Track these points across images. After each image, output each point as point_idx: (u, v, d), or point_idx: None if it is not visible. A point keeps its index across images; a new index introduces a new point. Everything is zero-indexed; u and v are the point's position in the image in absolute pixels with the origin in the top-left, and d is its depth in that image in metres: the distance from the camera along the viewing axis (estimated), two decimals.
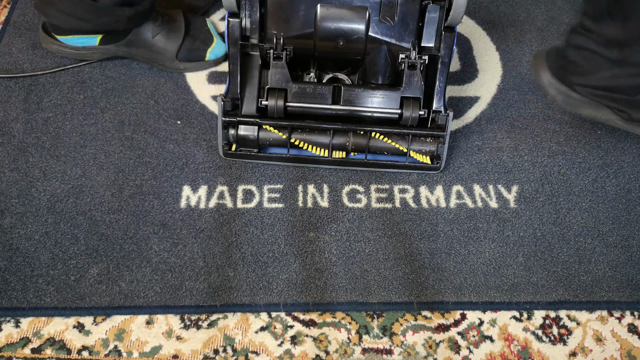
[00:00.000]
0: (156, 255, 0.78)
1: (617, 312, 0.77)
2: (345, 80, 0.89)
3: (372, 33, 0.81)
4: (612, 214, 0.86)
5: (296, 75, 0.89)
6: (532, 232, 0.83)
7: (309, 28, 0.81)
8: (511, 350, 0.73)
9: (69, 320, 0.73)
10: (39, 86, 0.97)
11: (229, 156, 0.88)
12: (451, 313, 0.75)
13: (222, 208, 0.83)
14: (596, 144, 0.94)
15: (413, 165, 0.87)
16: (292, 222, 0.83)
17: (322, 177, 0.88)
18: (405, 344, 0.73)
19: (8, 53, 1.01)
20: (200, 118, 0.94)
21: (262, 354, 0.71)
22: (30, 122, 0.92)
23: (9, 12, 1.09)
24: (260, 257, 0.79)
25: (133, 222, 0.81)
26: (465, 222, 0.84)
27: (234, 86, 0.84)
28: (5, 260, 0.77)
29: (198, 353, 0.71)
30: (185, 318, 0.74)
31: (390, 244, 0.81)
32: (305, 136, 0.85)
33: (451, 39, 0.81)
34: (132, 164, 0.88)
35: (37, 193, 0.84)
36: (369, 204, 0.85)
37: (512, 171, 0.90)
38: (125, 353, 0.71)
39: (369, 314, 0.75)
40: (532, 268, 0.79)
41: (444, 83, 0.83)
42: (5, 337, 0.71)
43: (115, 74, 0.99)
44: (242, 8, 0.81)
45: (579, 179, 0.89)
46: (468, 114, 0.97)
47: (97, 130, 0.92)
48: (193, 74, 1.00)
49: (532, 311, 0.76)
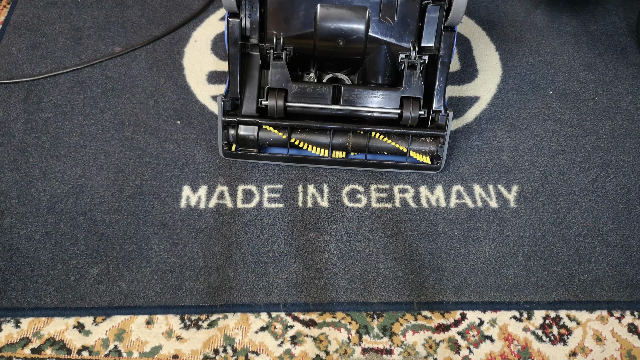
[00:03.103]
0: (156, 255, 0.78)
1: (617, 312, 0.77)
2: (345, 80, 0.89)
3: (372, 33, 0.81)
4: (612, 214, 0.86)
5: (296, 75, 0.89)
6: (532, 232, 0.83)
7: (308, 28, 0.81)
8: (511, 350, 0.73)
9: (69, 321, 0.73)
10: (38, 86, 0.97)
11: (229, 156, 0.88)
12: (451, 313, 0.75)
13: (222, 208, 0.83)
14: (596, 144, 0.94)
15: (413, 165, 0.87)
16: (292, 222, 0.83)
17: (322, 177, 0.88)
18: (405, 344, 0.73)
19: (8, 53, 1.01)
20: (200, 118, 0.94)
21: (262, 354, 0.71)
22: (30, 122, 0.92)
23: (9, 12, 1.09)
24: (260, 257, 0.79)
25: (133, 222, 0.81)
26: (465, 222, 0.83)
27: (233, 86, 0.83)
28: (5, 260, 0.77)
29: (198, 353, 0.71)
30: (185, 318, 0.74)
31: (390, 244, 0.81)
32: (305, 136, 0.85)
33: (451, 39, 0.81)
34: (132, 164, 0.88)
35: (37, 193, 0.84)
36: (369, 204, 0.85)
37: (512, 171, 0.90)
38: (125, 353, 0.70)
39: (369, 314, 0.75)
40: (532, 268, 0.79)
41: (444, 83, 0.83)
42: (5, 337, 0.71)
43: (115, 74, 0.99)
44: (242, 8, 0.81)
45: (579, 179, 0.89)
46: (468, 114, 0.97)
47: (97, 130, 0.92)
48: (193, 74, 1.00)
49: (532, 311, 0.76)
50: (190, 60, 1.03)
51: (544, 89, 1.01)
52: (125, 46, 1.04)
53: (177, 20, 1.09)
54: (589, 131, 0.96)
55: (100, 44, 1.04)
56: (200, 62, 1.03)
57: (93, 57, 1.02)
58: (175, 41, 1.06)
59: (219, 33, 1.08)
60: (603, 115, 0.97)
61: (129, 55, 1.03)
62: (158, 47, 1.04)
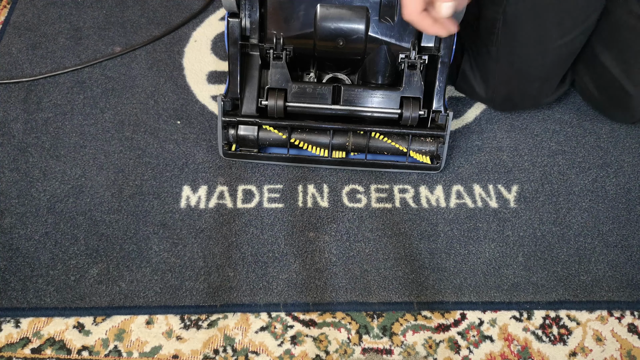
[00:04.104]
0: (156, 255, 0.78)
1: (617, 312, 0.77)
2: (345, 80, 0.89)
3: (372, 33, 0.81)
4: (612, 214, 0.86)
5: (296, 75, 0.89)
6: (532, 232, 0.83)
7: (308, 28, 0.81)
8: (511, 350, 0.73)
9: (69, 321, 0.73)
10: (38, 86, 0.97)
11: (228, 156, 0.88)
12: (451, 313, 0.75)
13: (222, 208, 0.83)
14: (596, 144, 0.94)
15: (413, 165, 0.87)
16: (292, 222, 0.83)
17: (322, 177, 0.88)
18: (405, 344, 0.73)
19: (8, 53, 1.01)
20: (200, 118, 0.94)
21: (262, 354, 0.71)
22: (30, 123, 0.92)
23: (9, 12, 1.09)
24: (260, 257, 0.79)
25: (133, 222, 0.81)
26: (465, 222, 0.84)
27: (233, 86, 0.84)
28: (5, 260, 0.77)
29: (198, 353, 0.71)
30: (185, 318, 0.74)
31: (390, 244, 0.81)
32: (305, 136, 0.85)
33: (451, 39, 0.81)
34: (132, 164, 0.88)
35: (37, 193, 0.84)
36: (369, 204, 0.85)
37: (512, 171, 0.90)
38: (125, 353, 0.70)
39: (369, 314, 0.75)
40: (532, 268, 0.79)
41: (444, 83, 0.83)
42: (5, 337, 0.71)
43: (115, 74, 0.99)
44: (242, 8, 0.81)
45: (579, 179, 0.89)
46: (468, 114, 0.97)
47: (97, 130, 0.92)
48: (193, 74, 1.00)
49: (532, 311, 0.76)
50: (190, 60, 1.03)
51: None
52: (125, 46, 1.04)
53: (177, 20, 1.09)
54: (589, 131, 0.95)
55: (100, 44, 1.04)
56: (200, 62, 1.03)
57: (93, 57, 1.02)
58: (175, 41, 1.06)
59: (219, 33, 1.08)
60: (603, 115, 0.97)
61: (129, 55, 1.03)
62: (158, 47, 1.04)
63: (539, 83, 0.90)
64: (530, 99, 0.93)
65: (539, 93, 0.92)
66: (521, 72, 0.88)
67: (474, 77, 0.94)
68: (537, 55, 0.85)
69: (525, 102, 0.94)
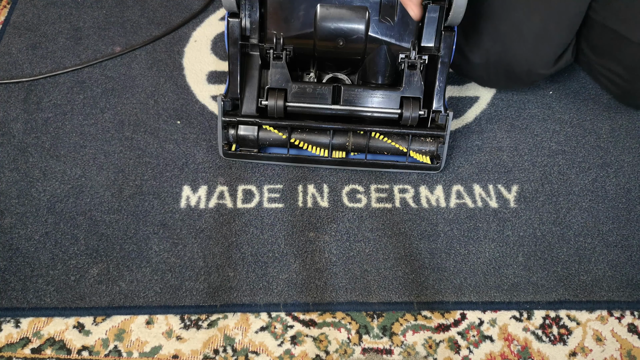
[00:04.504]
0: (156, 255, 0.78)
1: (617, 312, 0.77)
2: (345, 80, 0.89)
3: (372, 33, 0.81)
4: (612, 214, 0.86)
5: (296, 75, 0.89)
6: (532, 231, 0.83)
7: (308, 28, 0.81)
8: (511, 350, 0.73)
9: (69, 321, 0.73)
10: (38, 86, 0.97)
11: (228, 156, 0.88)
12: (451, 313, 0.75)
13: (222, 208, 0.83)
14: (596, 144, 0.94)
15: (413, 165, 0.87)
16: (292, 222, 0.83)
17: (322, 177, 0.88)
18: (405, 344, 0.73)
19: (8, 53, 1.01)
20: (200, 118, 0.94)
21: (262, 354, 0.71)
22: (30, 123, 0.92)
23: (9, 12, 1.09)
24: (260, 257, 0.79)
25: (133, 222, 0.81)
26: (465, 222, 0.84)
27: (233, 86, 0.84)
28: (5, 260, 0.77)
29: (198, 353, 0.71)
30: (185, 318, 0.74)
31: (390, 244, 0.81)
32: (305, 136, 0.85)
33: (451, 39, 0.81)
34: (132, 164, 0.88)
35: (37, 193, 0.84)
36: (369, 204, 0.85)
37: (512, 171, 0.90)
38: (125, 353, 0.71)
39: (369, 314, 0.75)
40: (532, 268, 0.79)
41: (444, 83, 0.83)
42: (5, 337, 0.71)
43: (115, 74, 1.00)
44: (242, 8, 0.81)
45: (579, 179, 0.89)
46: (468, 114, 0.97)
47: (97, 130, 0.92)
48: (193, 74, 1.00)
49: (532, 311, 0.76)
50: (190, 60, 1.03)
51: (543, 89, 1.01)
52: (125, 46, 1.04)
53: (177, 20, 1.09)
54: (589, 131, 0.96)
55: (100, 44, 1.04)
56: (200, 62, 1.03)
57: (93, 57, 1.02)
58: (175, 41, 1.06)
59: (219, 33, 1.08)
60: (603, 115, 0.97)
61: (129, 55, 1.03)
62: (158, 47, 1.04)
63: (534, 41, 0.85)
64: (525, 63, 0.87)
65: (534, 55, 0.86)
66: (514, 27, 0.83)
67: (466, 43, 0.90)
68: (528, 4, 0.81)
69: (520, 67, 0.88)
